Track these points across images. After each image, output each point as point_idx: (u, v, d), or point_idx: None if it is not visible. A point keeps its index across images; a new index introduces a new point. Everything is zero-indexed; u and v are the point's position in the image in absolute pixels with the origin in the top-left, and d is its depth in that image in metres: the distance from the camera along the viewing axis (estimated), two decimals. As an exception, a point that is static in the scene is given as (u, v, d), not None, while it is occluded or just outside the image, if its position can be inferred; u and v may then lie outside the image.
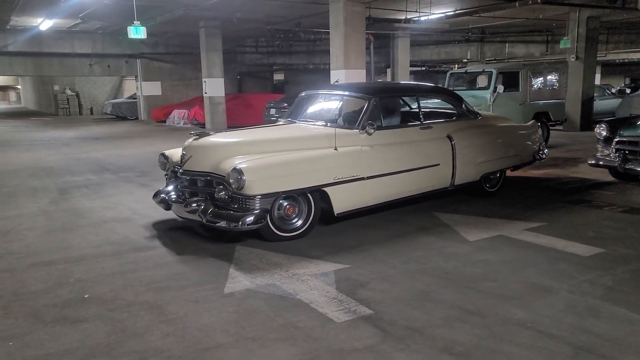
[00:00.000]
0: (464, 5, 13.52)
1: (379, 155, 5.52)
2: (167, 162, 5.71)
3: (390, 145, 5.67)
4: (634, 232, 5.10)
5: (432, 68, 26.93)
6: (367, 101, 5.68)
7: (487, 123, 6.85)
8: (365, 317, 3.41)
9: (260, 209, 4.72)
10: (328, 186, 5.07)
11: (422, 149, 5.92)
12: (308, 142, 5.34)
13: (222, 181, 4.85)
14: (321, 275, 4.16)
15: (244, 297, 3.77)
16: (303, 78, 25.44)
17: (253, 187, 4.67)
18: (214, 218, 4.82)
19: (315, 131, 5.61)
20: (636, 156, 7.01)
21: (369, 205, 5.52)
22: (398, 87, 8.02)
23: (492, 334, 3.14)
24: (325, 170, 5.08)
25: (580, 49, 14.60)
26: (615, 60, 27.32)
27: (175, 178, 5.46)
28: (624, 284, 3.84)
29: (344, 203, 5.24)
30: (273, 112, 14.67)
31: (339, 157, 5.20)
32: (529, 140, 7.16)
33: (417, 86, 7.64)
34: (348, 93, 6.15)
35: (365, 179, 5.34)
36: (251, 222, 4.64)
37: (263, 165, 4.84)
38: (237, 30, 17.44)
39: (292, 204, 5.06)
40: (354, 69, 10.68)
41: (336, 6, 10.47)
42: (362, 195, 5.38)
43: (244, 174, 4.63)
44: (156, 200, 5.55)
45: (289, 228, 5.07)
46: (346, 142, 5.34)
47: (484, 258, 4.49)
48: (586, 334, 3.11)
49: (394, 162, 5.63)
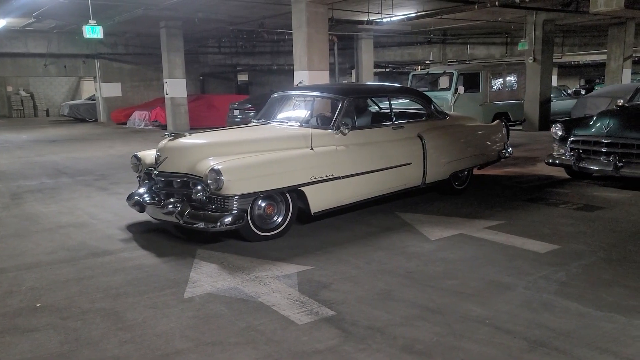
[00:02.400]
0: (425, 8, 13.72)
1: (354, 154, 5.61)
2: (140, 163, 5.64)
3: (364, 145, 5.75)
4: (587, 229, 5.26)
5: (395, 69, 27.23)
6: (341, 102, 5.75)
7: (455, 123, 7.05)
8: (328, 319, 3.40)
9: (239, 209, 4.73)
10: (305, 186, 5.12)
11: (395, 148, 6.03)
12: (285, 142, 5.40)
13: (199, 182, 4.82)
14: (284, 277, 4.13)
15: (204, 302, 3.71)
16: (267, 79, 25.35)
17: (231, 187, 4.67)
18: (191, 219, 4.81)
19: (291, 131, 5.67)
20: (589, 155, 7.24)
21: (345, 204, 5.60)
22: (370, 87, 8.15)
23: (452, 331, 3.19)
24: (302, 170, 5.14)
25: (537, 51, 15.02)
26: (570, 62, 28.19)
27: (148, 180, 5.40)
28: (576, 279, 3.95)
29: (321, 202, 5.31)
30: (237, 113, 14.55)
31: (315, 157, 5.27)
32: (494, 140, 7.41)
33: (389, 87, 7.75)
34: (321, 94, 6.20)
35: (341, 178, 5.42)
36: (230, 223, 4.66)
37: (241, 166, 4.84)
38: (199, 31, 17.21)
39: (271, 203, 5.08)
40: (318, 70, 10.69)
41: (298, 7, 10.45)
42: (338, 194, 5.46)
43: (222, 174, 4.62)
44: (130, 203, 5.46)
45: (268, 227, 5.09)
46: (321, 142, 5.41)
47: (445, 256, 4.56)
48: (541, 328, 3.19)
49: (368, 162, 5.72)
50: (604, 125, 7.15)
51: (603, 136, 7.07)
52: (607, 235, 5.03)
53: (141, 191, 5.41)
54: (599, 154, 7.11)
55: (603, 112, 7.71)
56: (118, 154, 11.93)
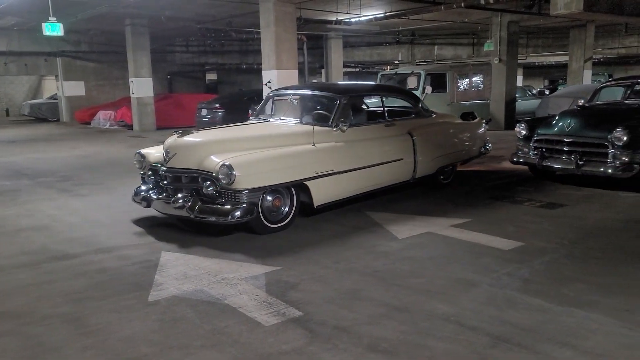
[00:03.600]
0: (393, 8, 13.83)
1: (352, 150, 5.89)
2: (144, 160, 5.75)
3: (361, 141, 6.04)
4: (550, 226, 5.39)
5: (365, 69, 27.39)
6: (338, 100, 6.03)
7: (440, 121, 7.46)
8: (295, 319, 3.39)
9: (248, 203, 4.92)
10: (309, 180, 5.37)
11: (387, 144, 6.35)
12: (288, 138, 5.65)
13: (209, 177, 4.97)
14: (251, 278, 4.10)
15: (169, 305, 3.65)
16: (236, 78, 25.14)
17: (242, 181, 4.86)
18: (201, 213, 4.99)
19: (294, 128, 5.93)
20: (552, 154, 7.43)
21: (343, 198, 5.89)
22: (364, 87, 8.50)
23: (418, 329, 3.21)
24: (306, 165, 5.40)
25: (502, 52, 15.32)
26: (535, 62, 28.91)
27: (154, 176, 5.57)
28: (539, 275, 4.04)
29: (323, 195, 5.57)
30: (205, 112, 14.40)
31: (317, 153, 5.53)
32: (476, 137, 7.82)
33: (381, 86, 8.16)
34: (319, 92, 6.50)
35: (341, 173, 5.69)
36: (240, 216, 4.87)
37: (251, 161, 5.07)
38: (166, 29, 16.93)
39: (278, 197, 5.30)
40: (287, 69, 10.65)
41: (266, 6, 10.39)
42: (338, 188, 5.73)
43: (234, 169, 4.80)
44: (137, 199, 5.61)
45: (276, 220, 5.31)
46: (322, 139, 5.67)
47: (412, 255, 4.60)
48: (504, 324, 3.25)
49: (365, 157, 6.01)
50: (565, 125, 7.34)
51: (565, 135, 7.26)
52: (569, 232, 5.16)
53: (146, 187, 5.63)
54: (561, 153, 7.30)
55: (565, 112, 7.91)
56: (82, 154, 11.65)
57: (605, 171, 6.79)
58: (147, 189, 5.62)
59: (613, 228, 5.28)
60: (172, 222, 5.78)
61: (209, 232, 5.32)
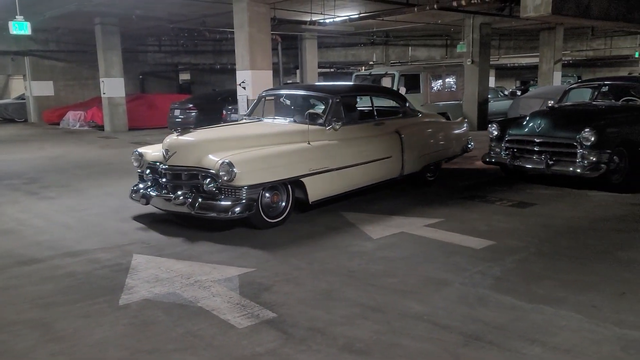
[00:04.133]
0: (367, 9, 13.89)
1: (344, 148, 6.10)
2: (142, 159, 5.86)
3: (352, 140, 6.27)
4: (521, 225, 5.48)
5: (340, 69, 27.46)
6: (331, 100, 6.24)
7: (426, 120, 7.74)
8: (268, 321, 3.36)
9: (248, 199, 5.09)
10: (304, 177, 5.57)
11: (377, 143, 6.58)
12: (284, 137, 5.85)
13: (209, 174, 5.14)
14: (224, 280, 4.06)
15: (140, 309, 3.58)
16: (210, 78, 24.90)
17: (242, 178, 5.02)
18: (202, 210, 5.15)
19: (289, 127, 6.12)
20: (523, 154, 7.56)
21: (336, 194, 6.08)
22: (354, 87, 8.80)
23: (391, 329, 3.23)
24: (302, 163, 5.60)
25: (475, 53, 15.53)
26: (507, 64, 29.43)
27: (152, 174, 5.69)
28: (510, 274, 4.11)
29: (318, 192, 5.75)
30: (178, 113, 14.23)
31: (312, 151, 5.74)
32: (459, 135, 8.09)
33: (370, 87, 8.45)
34: (312, 93, 6.81)
35: (334, 170, 5.90)
36: (240, 211, 5.04)
37: (251, 159, 5.24)
38: (137, 28, 16.66)
39: (276, 193, 5.49)
40: (261, 69, 10.60)
41: (240, 6, 10.32)
42: (332, 184, 5.94)
43: (234, 166, 4.96)
44: (137, 196, 5.72)
45: (273, 215, 5.48)
46: (316, 137, 5.89)
47: (386, 255, 4.62)
48: (476, 322, 3.28)
49: (356, 155, 6.23)
50: (535, 125, 7.47)
51: (535, 135, 7.39)
52: (539, 231, 5.26)
53: (144, 185, 5.77)
54: (531, 153, 7.43)
55: (535, 113, 8.06)
56: (49, 155, 11.39)
57: (574, 171, 6.94)
58: (145, 186, 5.73)
59: (581, 226, 5.40)
60: (144, 223, 5.69)
61: (185, 234, 5.26)
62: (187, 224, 5.62)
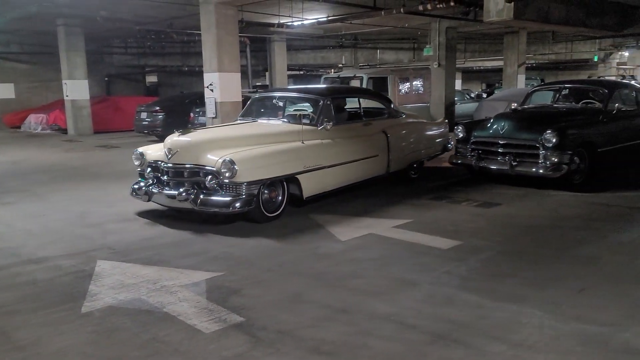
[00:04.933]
0: (335, 12, 13.94)
1: (335, 147, 6.46)
2: (143, 158, 6.12)
3: (343, 139, 6.64)
4: (486, 225, 5.60)
5: (309, 72, 27.50)
6: (322, 101, 6.60)
7: (410, 121, 8.16)
8: (236, 325, 3.34)
9: (248, 194, 5.38)
10: (299, 174, 5.90)
11: (366, 142, 6.98)
12: (280, 136, 6.17)
13: (211, 172, 5.40)
14: (192, 285, 4.01)
15: (104, 316, 3.51)
16: (178, 80, 24.57)
17: (243, 175, 5.32)
18: (204, 205, 5.43)
19: (284, 127, 6.43)
20: (488, 155, 7.72)
21: (328, 190, 6.41)
22: (343, 89, 9.34)
23: (359, 330, 3.25)
24: (297, 161, 5.93)
25: (441, 57, 15.77)
26: (473, 67, 30.01)
27: (154, 172, 5.93)
28: (475, 273, 4.19)
29: (311, 188, 6.07)
30: (144, 116, 13.98)
31: (306, 149, 6.08)
32: (440, 135, 8.51)
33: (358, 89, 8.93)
34: (303, 95, 7.23)
35: (326, 167, 6.23)
36: (240, 206, 5.33)
37: (251, 157, 5.55)
38: (103, 30, 16.31)
39: (274, 189, 5.79)
40: (229, 72, 10.51)
41: (207, 9, 10.23)
42: (324, 181, 6.27)
43: (235, 163, 5.25)
44: (140, 193, 5.94)
45: (270, 210, 5.78)
46: (310, 137, 6.22)
47: (354, 256, 4.64)
48: (442, 321, 3.34)
49: (346, 153, 6.60)
50: (499, 127, 7.64)
51: (499, 137, 7.56)
52: (504, 230, 5.38)
53: (145, 183, 5.99)
54: (496, 154, 7.59)
55: (499, 115, 8.23)
56: (9, 160, 11.04)
57: (537, 171, 7.12)
58: (146, 184, 5.94)
59: (543, 225, 5.55)
60: (109, 228, 5.58)
61: (153, 239, 5.18)
62: (154, 229, 5.55)
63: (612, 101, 8.18)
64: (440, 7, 9.64)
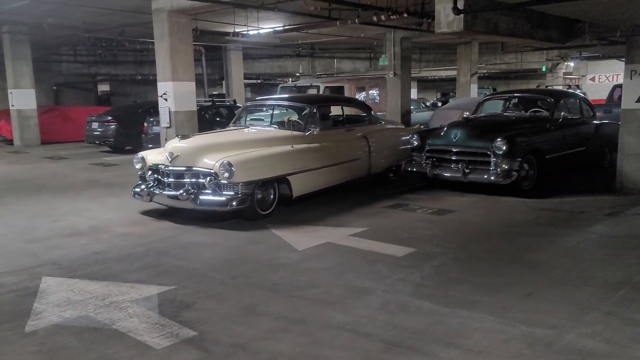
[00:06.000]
0: (291, 22, 13.97)
1: (321, 151, 7.04)
2: (144, 162, 6.55)
3: (328, 143, 7.21)
4: (440, 231, 5.69)
5: (267, 81, 27.44)
6: (309, 109, 7.24)
7: (389, 126, 8.90)
8: (188, 340, 3.26)
9: (243, 194, 5.87)
10: (289, 175, 6.43)
11: (349, 146, 7.60)
12: (272, 141, 6.73)
13: (209, 173, 5.90)
14: (143, 300, 3.90)
15: (49, 334, 3.36)
16: (131, 89, 23.99)
17: (239, 176, 5.81)
18: (203, 204, 5.91)
19: (274, 133, 7.03)
20: (442, 163, 7.87)
21: (316, 190, 6.93)
22: (329, 97, 10.22)
23: (314, 340, 3.23)
24: (287, 163, 6.50)
25: (397, 66, 16.03)
26: (428, 76, 30.66)
27: (155, 174, 6.38)
28: (429, 279, 4.24)
29: (300, 188, 6.58)
30: (95, 126, 13.58)
31: (295, 153, 6.66)
32: None
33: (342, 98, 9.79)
34: (291, 103, 7.96)
35: (314, 169, 6.78)
36: (237, 204, 5.84)
37: (246, 159, 6.06)
38: (50, 37, 15.80)
39: (266, 189, 6.26)
40: (183, 81, 10.36)
41: (160, 17, 10.06)
42: (312, 182, 6.80)
43: (233, 165, 5.75)
44: (142, 194, 6.37)
45: (262, 208, 6.24)
46: (298, 141, 6.79)
47: (310, 266, 4.63)
48: (396, 329, 3.36)
49: (331, 156, 7.16)
50: (452, 136, 7.81)
51: (452, 145, 7.73)
52: (456, 236, 5.48)
53: (145, 184, 6.42)
54: (449, 162, 7.75)
55: (452, 124, 8.42)
56: (-48, 173, 10.49)
57: (489, 178, 7.31)
58: (147, 185, 6.38)
59: (494, 231, 5.70)
60: (55, 243, 5.37)
61: (102, 253, 5.00)
62: (104, 243, 5.38)
63: (558, 110, 8.52)
64: (393, 18, 9.79)
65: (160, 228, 5.99)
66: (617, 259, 4.70)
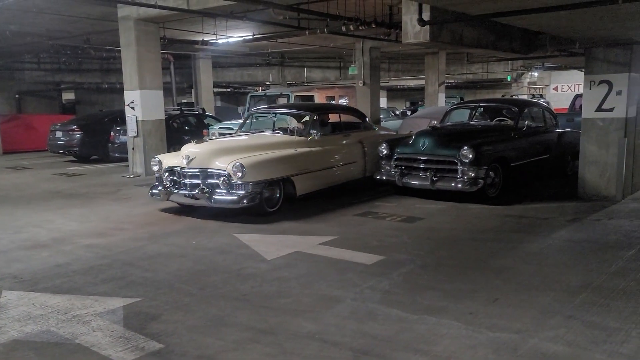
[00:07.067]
0: (260, 31, 13.98)
1: (323, 154, 7.80)
2: (160, 164, 7.17)
3: (328, 148, 7.97)
4: (408, 239, 5.74)
5: (237, 89, 27.32)
6: (311, 116, 8.00)
7: (381, 132, 9.67)
8: (154, 353, 3.20)
9: (254, 192, 6.50)
10: (294, 176, 7.10)
11: (346, 150, 8.32)
12: (278, 145, 7.43)
13: (223, 174, 6.54)
14: (107, 313, 3.81)
15: (9, 350, 3.25)
16: (98, 98, 23.52)
17: (250, 176, 6.45)
18: (217, 202, 6.54)
19: (280, 138, 7.78)
20: (411, 171, 7.97)
21: (317, 190, 7.57)
22: (328, 106, 11.40)
23: (282, 351, 3.21)
24: (292, 165, 7.16)
25: (366, 75, 16.21)
26: (397, 86, 31.05)
27: (171, 175, 7.02)
28: (397, 287, 4.27)
29: (303, 188, 7.24)
30: (60, 135, 13.27)
31: (299, 156, 7.37)
32: None
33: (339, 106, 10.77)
34: (295, 111, 8.81)
35: (315, 171, 7.48)
36: (247, 202, 6.44)
37: (256, 161, 6.69)
38: (12, 45, 15.38)
39: (272, 188, 6.91)
40: (150, 89, 10.25)
41: (126, 25, 9.94)
42: (314, 182, 7.49)
43: (244, 167, 6.39)
44: (160, 194, 6.97)
45: (270, 206, 6.89)
46: (301, 145, 7.56)
47: (280, 275, 4.60)
48: (365, 337, 3.37)
49: (331, 159, 7.94)
50: (420, 144, 7.92)
51: (420, 154, 7.84)
52: (424, 244, 5.55)
53: (162, 185, 7.04)
54: (418, 170, 7.86)
55: (420, 132, 8.53)
56: None
57: (456, 186, 7.43)
58: (163, 185, 7.00)
59: (462, 238, 5.78)
60: (15, 256, 5.20)
61: (64, 265, 4.87)
62: (66, 255, 5.24)
63: (522, 119, 8.74)
64: (362, 28, 9.92)
65: (126, 239, 5.88)
66: (579, 263, 4.83)
